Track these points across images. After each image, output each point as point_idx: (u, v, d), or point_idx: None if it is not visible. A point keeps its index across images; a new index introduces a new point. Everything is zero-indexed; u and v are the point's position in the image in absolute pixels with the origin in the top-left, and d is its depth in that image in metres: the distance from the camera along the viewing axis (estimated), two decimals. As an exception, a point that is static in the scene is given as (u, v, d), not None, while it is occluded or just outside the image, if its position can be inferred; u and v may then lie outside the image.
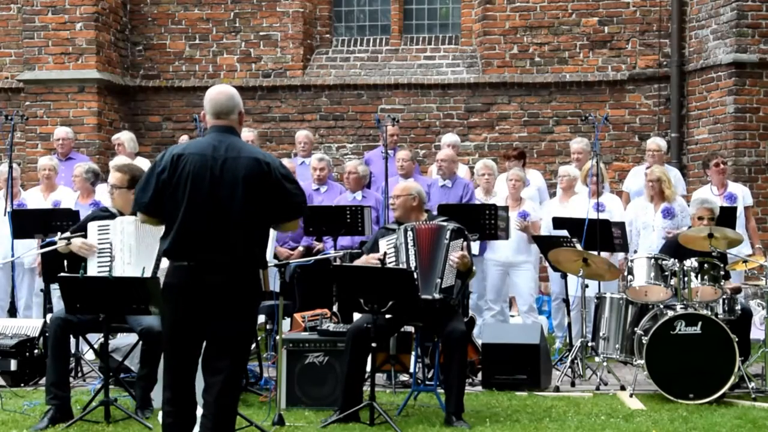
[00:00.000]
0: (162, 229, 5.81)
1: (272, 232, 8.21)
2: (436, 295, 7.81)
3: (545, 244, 10.02)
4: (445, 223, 8.06)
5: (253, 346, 9.28)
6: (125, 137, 12.42)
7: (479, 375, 9.17)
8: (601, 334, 9.32)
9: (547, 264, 10.32)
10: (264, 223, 5.79)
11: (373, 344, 7.61)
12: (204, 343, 5.76)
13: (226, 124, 5.82)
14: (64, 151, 12.29)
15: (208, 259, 5.63)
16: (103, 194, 10.42)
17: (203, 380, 5.79)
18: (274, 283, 9.84)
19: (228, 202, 5.63)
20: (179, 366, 5.75)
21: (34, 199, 11.29)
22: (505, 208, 10.41)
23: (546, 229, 10.84)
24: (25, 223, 10.40)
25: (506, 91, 13.95)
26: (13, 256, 10.43)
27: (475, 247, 9.98)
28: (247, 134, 12.39)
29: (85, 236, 7.85)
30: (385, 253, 7.84)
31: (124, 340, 8.49)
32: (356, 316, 8.14)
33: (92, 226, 7.83)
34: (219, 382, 5.69)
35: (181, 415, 5.75)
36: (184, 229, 5.64)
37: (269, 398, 8.05)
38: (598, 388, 9.01)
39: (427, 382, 8.58)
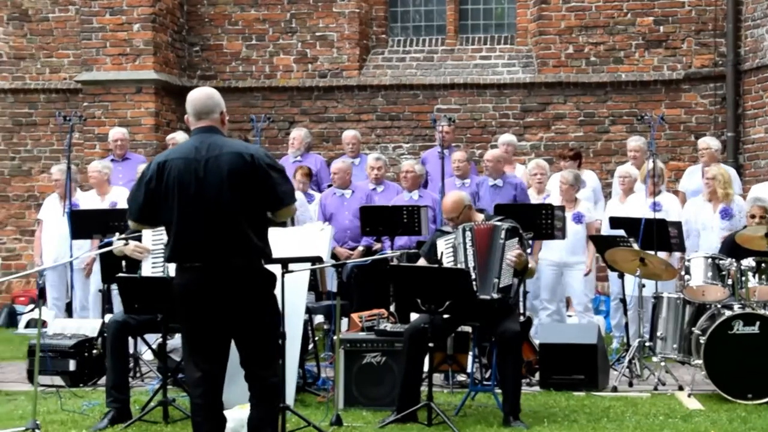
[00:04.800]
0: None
1: (329, 232, 8.21)
2: (494, 295, 7.74)
3: (602, 243, 9.92)
4: (500, 223, 7.98)
5: (311, 345, 9.29)
6: (180, 137, 12.41)
7: (537, 375, 9.09)
8: (658, 333, 9.20)
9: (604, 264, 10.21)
10: (256, 214, 5.79)
11: (431, 344, 7.55)
12: (231, 341, 5.84)
13: (207, 125, 5.85)
14: (120, 152, 12.35)
15: (209, 258, 5.70)
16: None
17: (245, 376, 5.86)
18: (332, 283, 9.82)
19: (217, 201, 5.68)
20: (203, 365, 5.80)
21: (90, 201, 11.32)
22: (561, 208, 10.32)
23: (604, 228, 10.75)
24: (83, 224, 10.45)
25: (562, 91, 13.84)
26: (71, 256, 10.50)
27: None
28: (298, 133, 12.42)
29: (140, 238, 7.87)
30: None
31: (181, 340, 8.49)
32: (413, 316, 8.08)
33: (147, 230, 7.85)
34: (257, 379, 5.82)
35: (210, 413, 5.81)
36: (181, 233, 5.72)
37: (327, 398, 8.03)
38: (656, 388, 8.89)
39: (485, 383, 8.51)
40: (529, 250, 8.61)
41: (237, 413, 6.59)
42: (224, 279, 5.70)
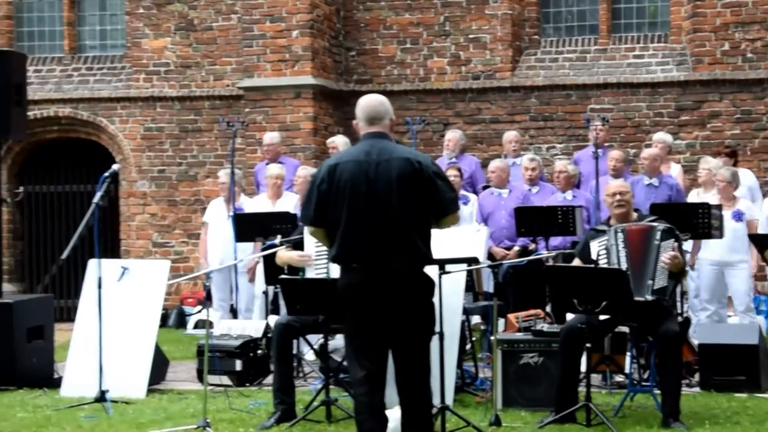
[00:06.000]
0: None
1: (485, 232, 8.17)
2: (649, 297, 7.56)
3: (762, 242, 9.59)
4: (655, 224, 7.79)
5: (468, 346, 9.25)
6: (340, 141, 12.54)
7: (696, 376, 8.85)
8: (822, 333, 8.87)
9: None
10: (422, 220, 5.82)
11: (588, 345, 7.43)
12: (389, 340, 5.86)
13: (377, 130, 5.92)
14: (271, 156, 12.50)
15: (373, 259, 5.73)
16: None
17: (395, 381, 5.87)
18: (488, 284, 9.79)
19: (386, 203, 5.72)
20: (367, 364, 5.82)
21: (261, 205, 11.48)
22: (719, 207, 10.03)
23: (761, 227, 10.41)
24: (246, 227, 10.63)
25: (717, 89, 13.44)
26: (235, 258, 10.68)
27: (687, 245, 9.67)
28: (452, 134, 12.38)
29: (302, 242, 7.94)
30: None
31: (343, 341, 8.49)
32: (569, 316, 7.96)
33: (308, 233, 7.93)
34: (408, 380, 5.84)
35: (374, 411, 5.83)
36: (348, 234, 5.77)
37: (485, 399, 7.97)
38: (820, 390, 8.58)
39: (643, 383, 8.32)
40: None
41: (397, 413, 6.57)
42: (387, 281, 5.73)
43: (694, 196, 10.91)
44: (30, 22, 15.67)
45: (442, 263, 6.84)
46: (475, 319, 10.28)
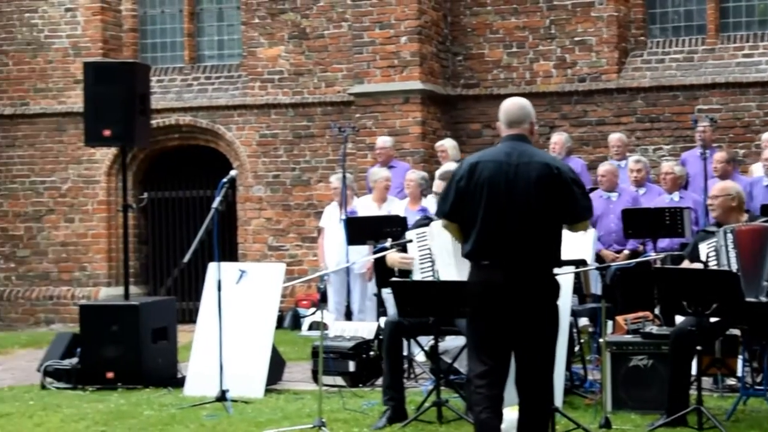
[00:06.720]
0: None
1: (593, 235, 8.08)
2: (762, 298, 7.39)
3: None
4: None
5: (577, 348, 9.16)
6: (449, 144, 12.55)
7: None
8: None
9: None
10: (556, 223, 5.87)
11: (698, 347, 7.30)
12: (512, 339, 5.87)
13: (518, 133, 5.99)
14: (383, 159, 12.54)
15: (507, 257, 5.77)
16: (431, 202, 10.56)
17: (515, 379, 5.88)
18: (596, 286, 9.67)
19: (523, 204, 5.77)
20: (488, 361, 5.84)
21: (367, 207, 11.56)
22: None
23: None
24: (358, 230, 10.69)
25: (829, 87, 13.09)
26: (347, 262, 10.75)
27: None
28: (558, 137, 12.27)
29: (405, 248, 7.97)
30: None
31: (453, 342, 8.50)
32: (678, 318, 7.82)
33: (411, 235, 7.95)
34: (530, 381, 5.85)
35: (492, 405, 5.83)
36: (484, 231, 5.82)
37: (595, 401, 7.88)
38: None
39: (756, 387, 8.10)
40: None
41: (508, 414, 6.54)
42: (518, 281, 5.77)
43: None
44: (153, 34, 16.01)
45: (550, 266, 6.79)
46: (583, 321, 10.17)
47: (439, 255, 7.76)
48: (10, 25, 15.91)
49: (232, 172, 9.18)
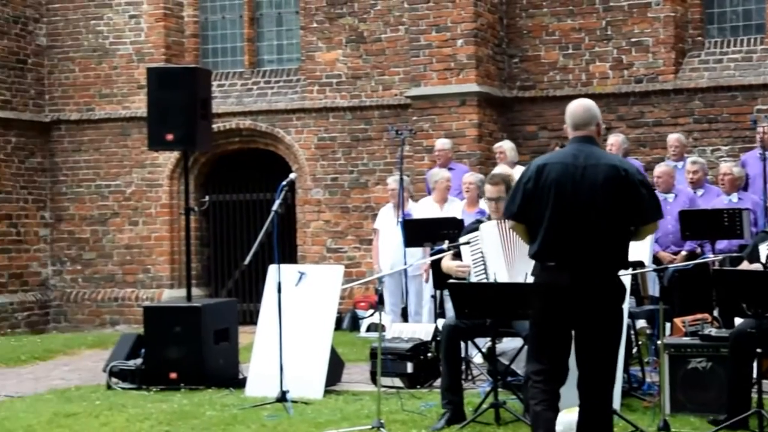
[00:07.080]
0: None
1: (650, 237, 7.95)
2: (823, 300, 7.24)
3: None
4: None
5: (635, 350, 9.05)
6: (507, 146, 12.49)
7: None
8: None
9: None
10: (623, 225, 5.80)
11: (758, 350, 7.18)
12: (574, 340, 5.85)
13: (585, 135, 5.96)
14: (442, 161, 12.51)
15: (573, 259, 5.73)
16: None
17: (577, 382, 5.84)
18: (653, 288, 9.56)
19: (589, 206, 5.73)
20: (547, 361, 5.84)
21: (428, 208, 11.51)
22: None
23: None
24: (414, 233, 10.67)
25: None
26: (405, 263, 10.73)
27: None
28: (615, 138, 12.13)
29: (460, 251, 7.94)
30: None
31: (510, 344, 8.43)
32: (737, 320, 7.69)
33: (464, 240, 7.92)
34: (591, 382, 5.82)
35: (548, 402, 5.82)
36: (551, 232, 5.79)
37: (653, 403, 7.78)
38: None
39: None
40: None
41: (565, 417, 6.48)
42: (584, 283, 5.73)
43: None
44: (214, 39, 16.14)
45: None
46: (641, 323, 10.05)
47: (489, 256, 7.72)
48: (76, 32, 16.14)
49: (292, 175, 9.20)
